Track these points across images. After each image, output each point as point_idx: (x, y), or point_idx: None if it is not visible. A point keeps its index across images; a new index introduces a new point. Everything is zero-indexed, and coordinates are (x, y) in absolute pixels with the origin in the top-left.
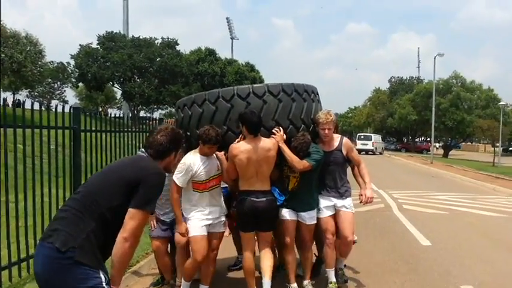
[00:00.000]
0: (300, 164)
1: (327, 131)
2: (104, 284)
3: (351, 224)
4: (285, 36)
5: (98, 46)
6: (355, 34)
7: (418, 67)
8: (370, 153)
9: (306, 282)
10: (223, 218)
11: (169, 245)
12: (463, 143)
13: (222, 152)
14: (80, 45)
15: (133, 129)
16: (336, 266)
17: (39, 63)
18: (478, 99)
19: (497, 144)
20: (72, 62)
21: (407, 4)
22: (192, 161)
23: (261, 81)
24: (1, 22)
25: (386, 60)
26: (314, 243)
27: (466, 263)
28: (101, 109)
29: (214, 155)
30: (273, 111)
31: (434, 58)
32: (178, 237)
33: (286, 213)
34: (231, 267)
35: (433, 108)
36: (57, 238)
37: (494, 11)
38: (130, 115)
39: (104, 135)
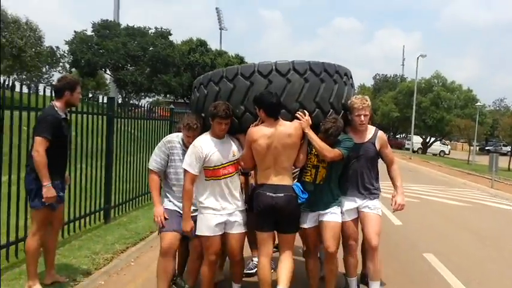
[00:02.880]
0: (331, 152)
1: (363, 118)
2: None
3: (375, 227)
4: (273, 28)
5: (93, 33)
6: (342, 28)
7: (403, 65)
8: None
9: None
10: (239, 218)
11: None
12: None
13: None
14: (75, 31)
15: (164, 118)
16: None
17: (39, 48)
18: (457, 99)
19: (473, 143)
20: (65, 48)
21: (394, 1)
22: (202, 143)
23: None
24: (2, 8)
25: (372, 57)
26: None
27: (428, 238)
28: (91, 95)
29: (231, 140)
30: (297, 92)
31: (417, 59)
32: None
33: (306, 220)
34: (246, 271)
35: (414, 107)
36: None
37: (479, 12)
38: (120, 101)
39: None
